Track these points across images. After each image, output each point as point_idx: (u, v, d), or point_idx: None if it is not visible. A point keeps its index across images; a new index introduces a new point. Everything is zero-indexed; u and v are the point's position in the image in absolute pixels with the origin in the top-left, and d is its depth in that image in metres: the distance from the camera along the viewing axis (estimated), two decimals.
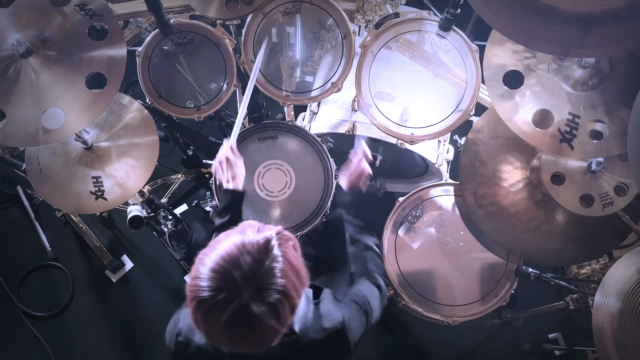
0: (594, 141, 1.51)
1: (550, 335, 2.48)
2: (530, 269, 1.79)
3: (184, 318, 1.21)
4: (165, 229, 2.23)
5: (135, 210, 2.04)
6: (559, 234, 1.75)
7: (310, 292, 1.22)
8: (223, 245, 0.95)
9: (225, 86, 1.86)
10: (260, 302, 0.91)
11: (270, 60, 1.87)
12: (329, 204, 1.81)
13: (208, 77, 1.88)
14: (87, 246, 2.61)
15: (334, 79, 1.85)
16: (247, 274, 0.91)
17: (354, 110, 2.06)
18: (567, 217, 1.74)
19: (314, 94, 1.90)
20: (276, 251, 0.95)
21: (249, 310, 0.90)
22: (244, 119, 2.35)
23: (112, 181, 1.75)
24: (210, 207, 2.47)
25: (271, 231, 0.99)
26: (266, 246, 0.95)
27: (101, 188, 1.74)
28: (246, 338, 0.95)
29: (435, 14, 1.77)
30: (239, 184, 1.48)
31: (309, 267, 1.07)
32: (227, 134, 2.41)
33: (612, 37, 1.26)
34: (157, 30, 1.78)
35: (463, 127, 1.79)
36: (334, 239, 1.93)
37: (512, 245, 1.78)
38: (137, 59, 1.81)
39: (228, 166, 1.50)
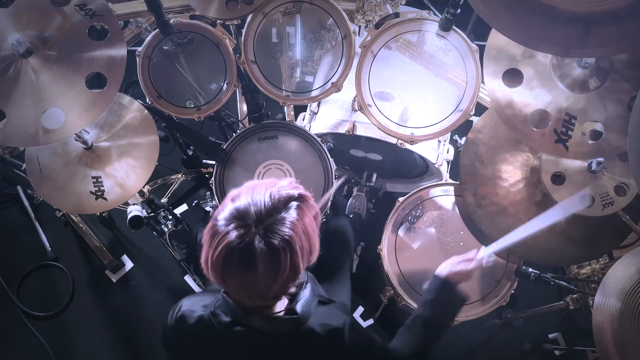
0: (590, 142, 1.51)
1: (550, 335, 2.48)
2: (530, 269, 1.79)
3: (185, 301, 1.23)
4: (166, 229, 2.23)
5: (135, 210, 2.04)
6: (560, 234, 1.75)
7: (319, 288, 1.24)
8: (256, 186, 1.03)
9: (225, 86, 1.86)
10: (263, 240, 0.95)
11: (270, 60, 1.87)
12: (329, 204, 1.81)
13: (208, 77, 1.88)
14: (87, 246, 2.61)
15: (334, 79, 1.85)
16: (261, 214, 0.97)
17: (354, 110, 2.06)
18: (567, 217, 1.74)
19: (314, 94, 1.90)
20: (294, 208, 1.01)
21: (251, 243, 0.95)
22: (244, 119, 2.36)
23: (112, 181, 1.75)
24: (210, 207, 2.47)
25: (299, 191, 1.05)
26: (287, 200, 1.01)
27: (101, 188, 1.74)
28: (239, 273, 0.98)
29: (435, 14, 1.77)
30: None
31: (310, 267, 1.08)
32: (227, 134, 2.42)
33: (612, 37, 1.26)
34: (157, 30, 1.78)
35: (463, 127, 1.79)
36: (335, 241, 1.94)
37: (512, 246, 1.78)
38: (137, 59, 1.81)
39: None
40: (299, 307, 1.15)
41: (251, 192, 1.01)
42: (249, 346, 1.17)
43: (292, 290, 1.12)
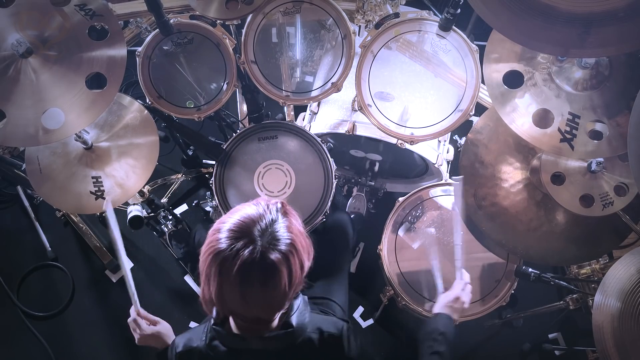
0: (594, 141, 1.51)
1: (550, 335, 2.48)
2: (530, 269, 1.79)
3: (179, 340, 1.24)
4: (165, 229, 2.23)
5: (135, 210, 2.04)
6: (560, 234, 1.75)
7: (306, 298, 1.24)
8: (242, 211, 1.04)
9: (225, 86, 1.86)
10: (274, 250, 0.98)
11: (270, 60, 1.88)
12: (329, 203, 1.81)
13: (208, 77, 1.88)
14: (87, 246, 2.61)
15: (334, 79, 1.85)
16: (263, 228, 1.00)
17: (354, 110, 2.06)
18: (567, 217, 1.74)
19: (314, 94, 1.90)
20: (285, 215, 1.06)
21: (264, 256, 0.96)
22: (244, 119, 2.36)
23: (112, 181, 1.75)
24: (210, 207, 2.47)
25: (277, 200, 1.10)
26: (277, 209, 1.06)
27: (101, 188, 1.74)
28: (258, 289, 0.99)
29: (435, 14, 1.77)
30: (168, 340, 1.48)
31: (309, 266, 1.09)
32: (227, 134, 2.42)
33: (612, 37, 1.26)
34: (157, 30, 1.78)
35: (463, 127, 1.79)
36: (334, 240, 1.94)
37: (513, 246, 1.78)
38: (137, 59, 1.81)
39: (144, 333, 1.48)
40: (294, 319, 1.15)
41: (243, 214, 1.03)
42: None
43: (292, 296, 1.12)
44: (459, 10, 1.61)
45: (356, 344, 1.24)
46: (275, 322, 1.15)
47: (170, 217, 2.24)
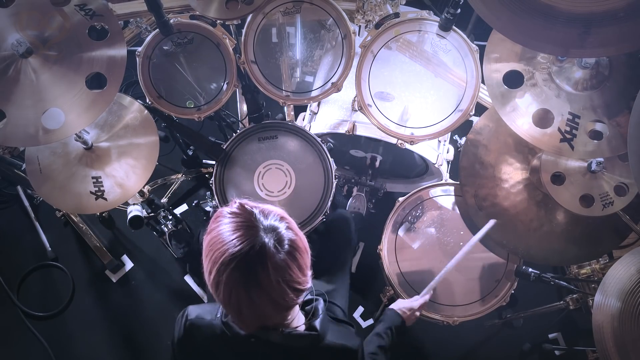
0: (594, 141, 1.51)
1: (550, 335, 2.48)
2: (530, 269, 1.79)
3: (192, 309, 1.21)
4: (165, 229, 2.23)
5: (135, 210, 2.04)
6: (560, 234, 1.75)
7: (323, 301, 1.25)
8: (225, 227, 1.00)
9: (225, 86, 1.86)
10: (281, 248, 0.98)
11: (270, 60, 1.87)
12: (329, 203, 1.81)
13: (208, 77, 1.88)
14: (87, 246, 2.61)
15: (334, 79, 1.85)
16: (262, 226, 0.99)
17: (354, 110, 2.06)
18: (567, 217, 1.74)
19: (314, 94, 1.90)
20: (283, 219, 1.05)
21: (274, 257, 0.96)
22: (244, 119, 2.36)
23: (112, 181, 1.75)
24: (210, 207, 2.47)
25: (238, 201, 1.06)
26: (245, 206, 1.03)
27: (101, 188, 1.74)
28: (268, 291, 0.98)
29: (435, 14, 1.77)
30: None
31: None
32: (227, 134, 2.41)
33: (612, 37, 1.26)
34: (157, 30, 1.78)
35: (463, 127, 1.79)
36: (335, 239, 1.94)
37: (514, 246, 1.78)
38: (137, 59, 1.81)
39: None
40: (318, 324, 1.15)
41: (231, 220, 1.01)
42: (265, 358, 1.16)
43: (301, 295, 1.09)
44: (459, 10, 1.61)
45: None
46: (296, 323, 1.14)
47: (170, 217, 2.24)
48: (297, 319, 1.16)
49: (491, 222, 1.69)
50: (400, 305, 1.65)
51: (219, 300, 1.01)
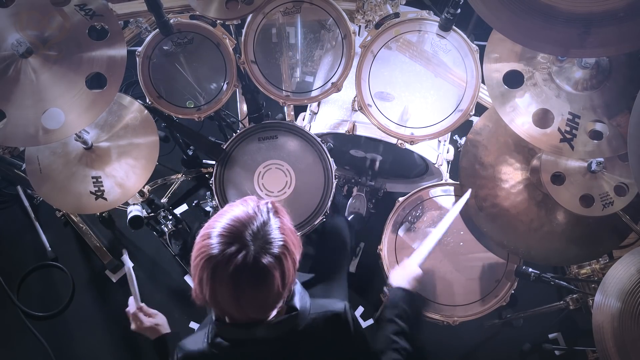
0: (594, 141, 1.51)
1: (550, 335, 2.48)
2: (530, 269, 1.79)
3: (183, 344, 1.22)
4: (165, 229, 2.23)
5: (135, 210, 2.04)
6: (561, 234, 1.75)
7: (297, 282, 1.23)
8: (230, 213, 1.03)
9: (225, 86, 1.86)
10: (267, 254, 0.98)
11: (270, 60, 1.87)
12: (329, 203, 1.81)
13: (208, 77, 1.88)
14: (87, 246, 2.61)
15: (334, 79, 1.85)
16: (255, 232, 1.00)
17: (354, 110, 2.06)
18: (568, 217, 1.74)
19: (314, 94, 1.90)
20: (275, 214, 1.06)
21: (257, 261, 0.97)
22: (244, 119, 2.36)
23: (112, 181, 1.75)
24: (210, 207, 2.47)
25: (267, 200, 1.09)
26: (268, 210, 1.06)
27: (101, 188, 1.74)
28: (251, 293, 1.00)
29: (435, 14, 1.77)
30: (163, 330, 1.53)
31: (309, 266, 1.09)
32: (227, 134, 2.41)
33: (612, 37, 1.26)
34: (157, 30, 1.78)
35: (463, 127, 1.79)
36: (332, 243, 1.94)
37: (514, 247, 1.78)
38: (137, 59, 1.81)
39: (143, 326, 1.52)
40: (297, 302, 1.15)
41: (232, 217, 1.02)
42: (259, 358, 1.17)
43: (282, 298, 1.11)
44: (459, 10, 1.61)
45: (361, 328, 1.25)
46: (275, 312, 1.14)
47: (170, 217, 2.24)
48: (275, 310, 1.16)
49: (469, 192, 1.71)
50: (399, 279, 1.49)
51: (206, 297, 1.01)
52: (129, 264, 1.58)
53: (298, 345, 1.17)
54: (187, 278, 2.59)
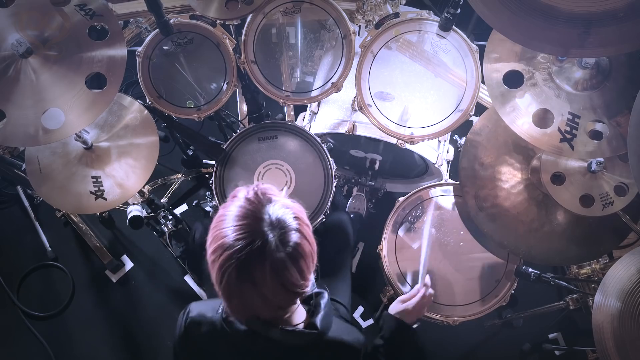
0: (594, 141, 1.51)
1: (550, 335, 2.48)
2: (530, 269, 1.79)
3: (194, 306, 1.20)
4: (165, 229, 2.23)
5: (135, 210, 2.04)
6: (561, 234, 1.75)
7: (327, 296, 1.22)
8: (230, 214, 0.98)
9: (225, 86, 1.86)
10: (289, 231, 0.96)
11: (270, 60, 1.87)
12: (329, 203, 1.81)
13: (208, 77, 1.88)
14: (87, 246, 2.61)
15: (334, 79, 1.85)
16: (267, 219, 0.96)
17: (354, 110, 2.06)
18: (568, 217, 1.74)
19: (314, 94, 1.90)
20: (266, 196, 1.01)
21: (286, 242, 0.94)
22: (244, 119, 2.36)
23: (112, 181, 1.75)
24: (210, 207, 2.47)
25: (254, 186, 1.03)
26: (258, 194, 1.01)
27: (101, 188, 1.74)
28: (260, 288, 0.96)
29: (435, 14, 1.77)
30: None
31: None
32: (227, 134, 2.41)
33: (612, 37, 1.26)
34: (157, 30, 1.78)
35: (463, 127, 1.79)
36: (335, 239, 1.94)
37: (515, 247, 1.78)
38: (137, 59, 1.81)
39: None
40: (318, 321, 1.12)
41: (232, 218, 0.97)
42: (265, 356, 1.15)
43: (298, 297, 1.08)
44: (459, 10, 1.61)
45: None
46: (297, 320, 1.12)
47: (170, 217, 2.24)
48: (298, 315, 1.14)
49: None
50: (396, 309, 1.57)
51: (212, 279, 0.99)
52: None
53: None
54: (187, 278, 2.59)
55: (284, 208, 1.00)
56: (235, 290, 0.97)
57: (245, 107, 2.41)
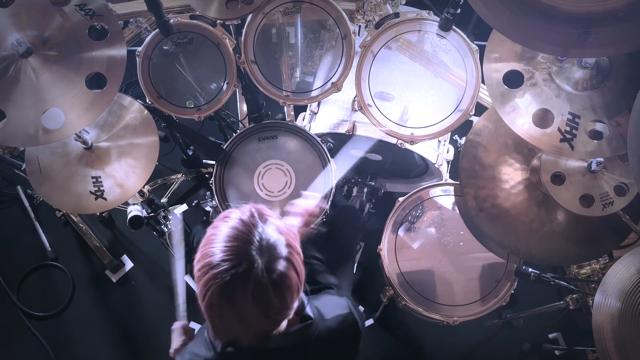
0: (594, 141, 1.51)
1: (550, 335, 2.48)
2: (530, 269, 1.79)
3: (183, 352, 1.20)
4: (165, 229, 2.23)
5: (135, 210, 2.04)
6: (561, 234, 1.75)
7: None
8: (223, 231, 0.97)
9: (225, 86, 1.86)
10: (277, 259, 0.95)
11: (270, 60, 1.87)
12: (329, 203, 1.81)
13: (208, 77, 1.88)
14: (87, 246, 2.61)
15: (334, 79, 1.85)
16: (257, 243, 0.94)
17: (354, 110, 2.06)
18: (568, 217, 1.74)
19: (314, 94, 1.90)
20: (262, 219, 1.01)
21: (271, 270, 0.93)
22: (244, 119, 2.36)
23: (112, 181, 1.75)
24: (210, 207, 2.47)
25: (248, 208, 1.03)
26: (254, 215, 1.00)
27: (101, 188, 1.74)
28: (276, 301, 0.95)
29: (435, 14, 1.77)
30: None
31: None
32: (227, 134, 2.41)
33: (612, 37, 1.26)
34: (157, 30, 1.78)
35: (463, 127, 1.79)
36: (334, 239, 1.94)
37: (515, 247, 1.78)
38: (137, 59, 1.81)
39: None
40: (309, 311, 1.14)
41: (228, 234, 0.96)
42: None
43: (278, 324, 1.06)
44: (459, 10, 1.61)
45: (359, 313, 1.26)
46: (291, 316, 1.11)
47: (170, 217, 2.24)
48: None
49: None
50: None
51: (197, 293, 0.98)
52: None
53: (310, 352, 1.16)
54: (187, 278, 2.59)
55: (277, 233, 0.98)
56: (216, 310, 0.95)
57: (245, 107, 2.40)
